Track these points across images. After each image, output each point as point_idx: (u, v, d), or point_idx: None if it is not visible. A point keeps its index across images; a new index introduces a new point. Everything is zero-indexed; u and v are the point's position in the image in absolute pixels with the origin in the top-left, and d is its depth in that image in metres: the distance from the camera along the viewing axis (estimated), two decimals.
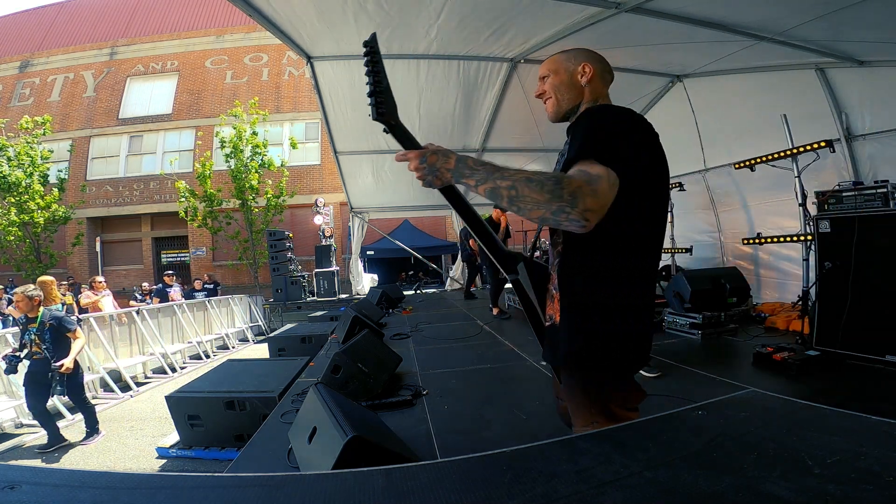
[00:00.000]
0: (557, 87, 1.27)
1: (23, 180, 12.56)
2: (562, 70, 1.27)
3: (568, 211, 0.92)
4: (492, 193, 0.99)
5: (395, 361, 3.32)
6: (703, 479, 0.69)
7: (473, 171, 1.01)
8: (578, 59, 1.27)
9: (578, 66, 1.26)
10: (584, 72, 1.25)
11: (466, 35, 5.02)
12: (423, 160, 1.05)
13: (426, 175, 1.05)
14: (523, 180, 0.95)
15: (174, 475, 1.40)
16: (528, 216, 0.97)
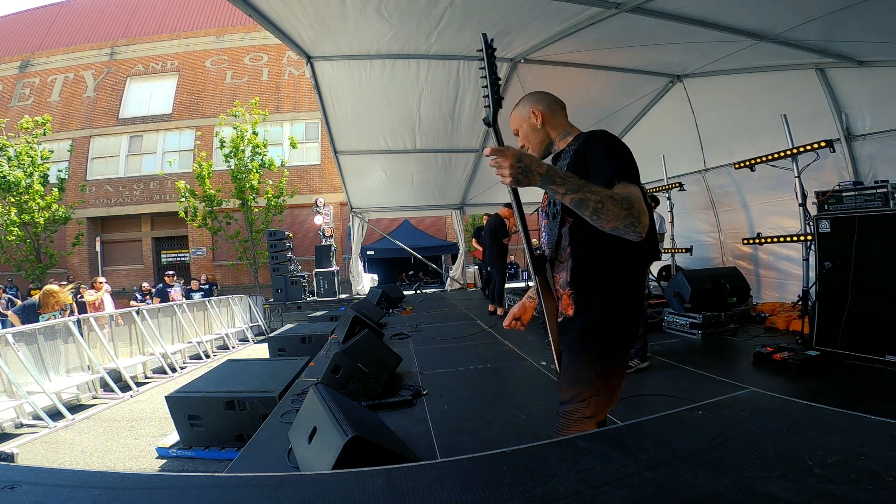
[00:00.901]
0: (527, 136, 1.50)
1: (23, 180, 12.56)
2: (521, 122, 1.50)
3: (636, 226, 1.13)
4: (578, 203, 1.13)
5: (395, 361, 3.32)
6: (703, 479, 0.69)
7: (565, 181, 1.14)
8: (527, 107, 1.49)
9: (529, 114, 1.47)
10: (535, 115, 1.46)
11: (467, 38, 5.02)
12: (519, 159, 1.12)
13: (518, 173, 1.12)
14: (609, 198, 1.12)
15: (174, 475, 1.40)
16: (602, 225, 1.15)
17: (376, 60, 5.53)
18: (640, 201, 1.16)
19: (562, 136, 1.46)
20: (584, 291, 1.33)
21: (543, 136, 1.47)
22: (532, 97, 1.49)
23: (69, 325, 5.76)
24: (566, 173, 1.16)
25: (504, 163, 1.11)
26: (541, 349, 4.12)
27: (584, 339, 1.33)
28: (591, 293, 1.33)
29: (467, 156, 8.51)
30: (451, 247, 14.22)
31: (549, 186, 1.15)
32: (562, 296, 1.38)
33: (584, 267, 1.33)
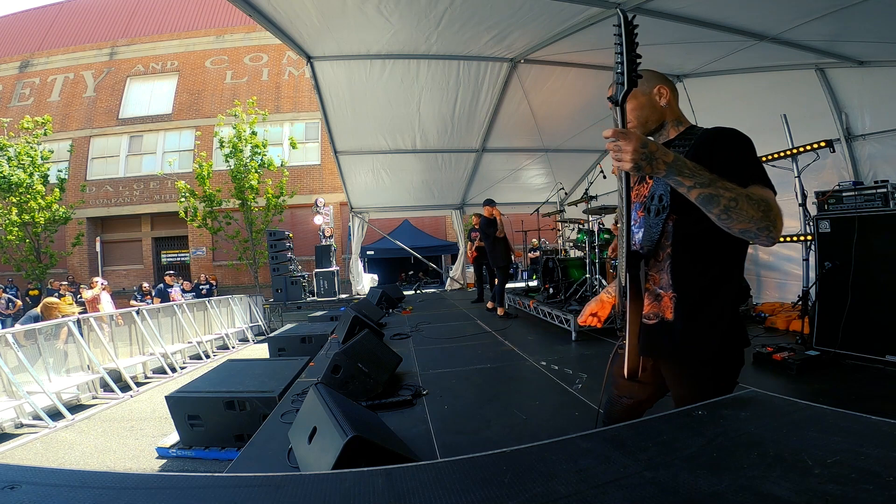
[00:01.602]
0: (641, 108, 1.36)
1: (24, 181, 12.56)
2: (639, 93, 1.35)
3: (770, 230, 1.06)
4: (708, 198, 1.05)
5: (395, 361, 3.32)
6: (703, 479, 0.69)
7: (694, 173, 1.05)
8: (652, 81, 1.36)
9: (654, 89, 1.35)
10: (661, 94, 1.35)
11: (467, 38, 5.03)
12: (644, 145, 1.03)
13: (640, 160, 1.02)
14: (745, 197, 1.04)
15: (174, 475, 1.40)
16: (729, 226, 1.07)
17: (376, 60, 5.53)
18: (777, 206, 1.09)
19: (674, 124, 1.36)
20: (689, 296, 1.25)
21: (659, 116, 1.36)
22: (658, 74, 1.38)
23: (69, 324, 5.76)
24: (695, 165, 1.06)
25: (627, 147, 1.02)
26: (541, 349, 4.12)
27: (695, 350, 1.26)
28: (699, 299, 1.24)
29: (467, 156, 8.51)
30: (451, 247, 14.23)
31: (674, 178, 1.06)
32: (662, 297, 1.29)
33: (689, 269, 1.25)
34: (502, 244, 5.99)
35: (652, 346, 1.31)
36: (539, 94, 6.55)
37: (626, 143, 1.02)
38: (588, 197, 5.47)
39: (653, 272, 1.31)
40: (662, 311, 1.29)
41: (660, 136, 1.38)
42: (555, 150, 8.27)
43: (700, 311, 1.25)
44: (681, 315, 1.25)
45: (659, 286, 1.30)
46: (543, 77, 6.17)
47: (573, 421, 2.49)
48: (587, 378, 3.18)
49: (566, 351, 4.07)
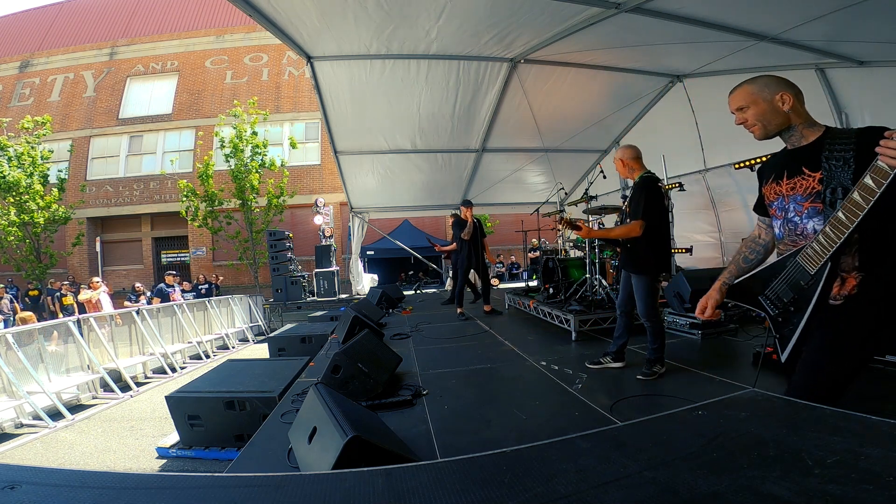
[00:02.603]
0: (762, 114, 1.50)
1: (23, 180, 12.56)
2: (757, 99, 1.50)
3: None
4: None
5: (395, 361, 3.32)
6: (703, 479, 0.69)
7: None
8: (771, 88, 1.49)
9: (776, 96, 1.47)
10: (784, 100, 1.47)
11: (467, 37, 5.03)
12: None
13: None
14: None
15: (174, 475, 1.40)
16: None
17: (376, 60, 5.53)
18: None
19: (807, 126, 1.47)
20: (874, 276, 1.35)
21: (783, 120, 1.48)
22: (781, 80, 1.50)
23: (69, 324, 5.77)
24: None
25: None
26: (541, 349, 4.12)
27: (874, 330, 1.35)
28: (883, 278, 1.35)
29: (467, 156, 8.51)
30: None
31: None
32: (846, 279, 1.39)
33: (874, 253, 1.35)
34: (468, 246, 5.93)
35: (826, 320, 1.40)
36: (539, 94, 6.55)
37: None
38: (588, 197, 5.47)
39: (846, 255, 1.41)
40: (848, 290, 1.39)
41: (791, 137, 1.51)
42: (555, 150, 8.27)
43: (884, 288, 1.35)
44: (860, 291, 1.36)
45: (843, 269, 1.39)
46: (543, 77, 6.17)
47: (573, 421, 2.49)
48: (587, 378, 3.18)
49: (566, 351, 4.07)
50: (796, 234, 1.47)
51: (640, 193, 2.94)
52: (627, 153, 3.08)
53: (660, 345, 3.06)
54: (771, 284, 1.52)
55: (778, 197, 1.52)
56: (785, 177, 1.49)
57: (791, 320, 1.43)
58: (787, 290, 1.46)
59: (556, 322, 4.90)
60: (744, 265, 1.72)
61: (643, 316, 3.03)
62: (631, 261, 3.05)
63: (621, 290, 3.26)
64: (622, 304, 3.24)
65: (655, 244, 2.96)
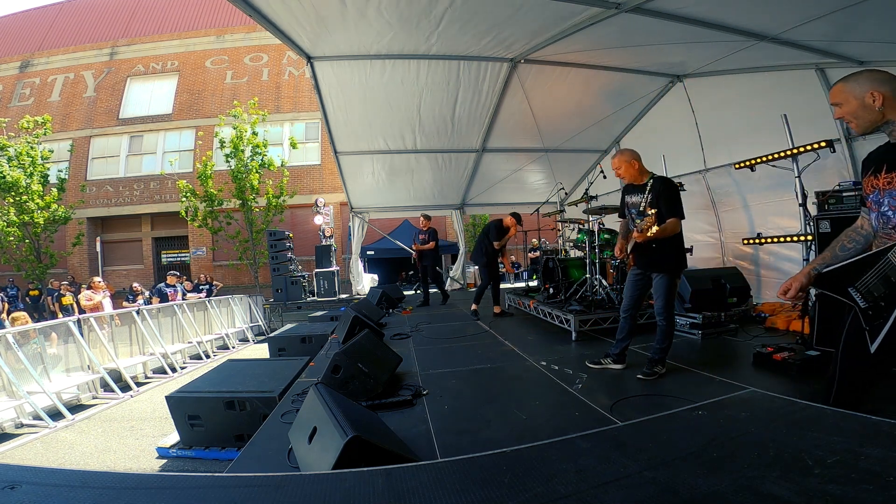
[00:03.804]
0: (854, 112, 1.55)
1: (22, 180, 12.56)
2: (849, 97, 1.55)
3: None
4: None
5: (395, 361, 3.32)
6: (703, 479, 0.69)
7: None
8: (864, 85, 1.51)
9: (866, 94, 1.50)
10: (875, 97, 1.49)
11: (467, 38, 5.03)
12: None
13: None
14: None
15: (174, 475, 1.40)
16: None
17: (376, 61, 5.53)
18: None
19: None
20: None
21: (877, 118, 1.51)
22: (875, 76, 1.51)
23: (69, 324, 5.77)
24: None
25: None
26: (541, 349, 4.12)
27: None
28: None
29: (467, 156, 8.51)
30: (451, 247, 14.21)
31: None
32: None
33: None
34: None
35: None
36: (539, 94, 6.55)
37: None
38: (588, 197, 5.47)
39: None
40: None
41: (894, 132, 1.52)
42: (555, 150, 8.26)
43: None
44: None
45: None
46: (543, 77, 6.17)
47: (573, 421, 2.49)
48: (587, 378, 3.18)
49: (566, 351, 4.07)
50: (889, 227, 1.48)
51: (668, 192, 2.93)
52: (635, 155, 3.08)
53: (667, 345, 3.07)
54: (863, 277, 1.51)
55: (874, 190, 1.54)
56: (884, 170, 1.51)
57: (881, 314, 1.45)
58: (879, 285, 1.46)
59: (557, 322, 4.90)
60: (840, 253, 1.69)
61: (660, 314, 3.02)
62: (656, 261, 3.01)
63: (629, 294, 3.20)
64: (629, 308, 3.21)
65: (680, 243, 3.00)
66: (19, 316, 6.52)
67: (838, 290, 1.58)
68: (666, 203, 2.92)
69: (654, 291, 3.04)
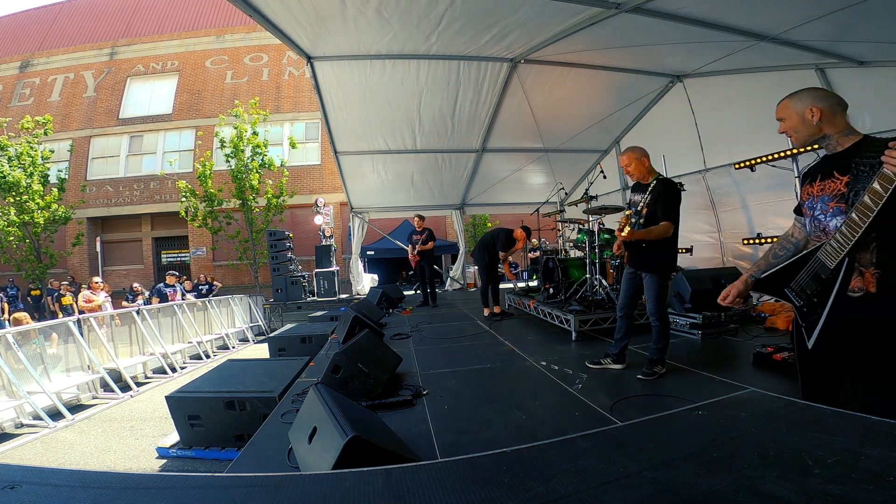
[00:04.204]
0: (795, 128, 1.66)
1: (22, 180, 12.56)
2: (792, 113, 1.65)
3: None
4: None
5: (395, 361, 3.32)
6: (703, 479, 0.69)
7: None
8: (805, 101, 1.62)
9: (806, 110, 1.60)
10: (813, 113, 1.59)
11: (467, 39, 5.03)
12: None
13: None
14: None
15: (174, 475, 1.40)
16: None
17: (376, 61, 5.53)
18: None
19: (843, 134, 1.58)
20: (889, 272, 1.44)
21: (814, 132, 1.61)
22: (815, 93, 1.63)
23: (69, 324, 5.77)
24: None
25: None
26: (541, 349, 4.12)
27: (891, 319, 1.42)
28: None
29: (467, 156, 8.51)
30: (451, 247, 14.21)
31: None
32: (864, 273, 1.48)
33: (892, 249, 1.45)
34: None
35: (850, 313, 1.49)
36: (539, 94, 6.55)
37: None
38: (588, 197, 5.47)
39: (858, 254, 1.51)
40: (866, 285, 1.48)
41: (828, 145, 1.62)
42: (555, 151, 8.27)
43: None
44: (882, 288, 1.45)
45: (861, 264, 1.49)
46: (543, 77, 6.18)
47: (573, 421, 2.49)
48: (587, 378, 3.18)
49: (566, 351, 4.07)
50: (819, 230, 1.61)
51: (667, 195, 2.94)
52: (644, 153, 3.09)
53: (664, 345, 3.06)
54: (796, 277, 1.65)
55: (809, 197, 1.66)
56: (818, 179, 1.62)
57: (815, 310, 1.56)
58: (811, 283, 1.59)
59: (556, 322, 4.90)
60: (773, 260, 1.85)
61: (653, 315, 3.03)
62: (645, 260, 3.04)
63: (623, 292, 3.24)
64: (624, 307, 3.24)
65: (672, 245, 3.00)
66: (21, 316, 6.52)
67: (776, 291, 1.74)
68: (662, 205, 2.94)
69: (646, 292, 3.06)
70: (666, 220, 2.90)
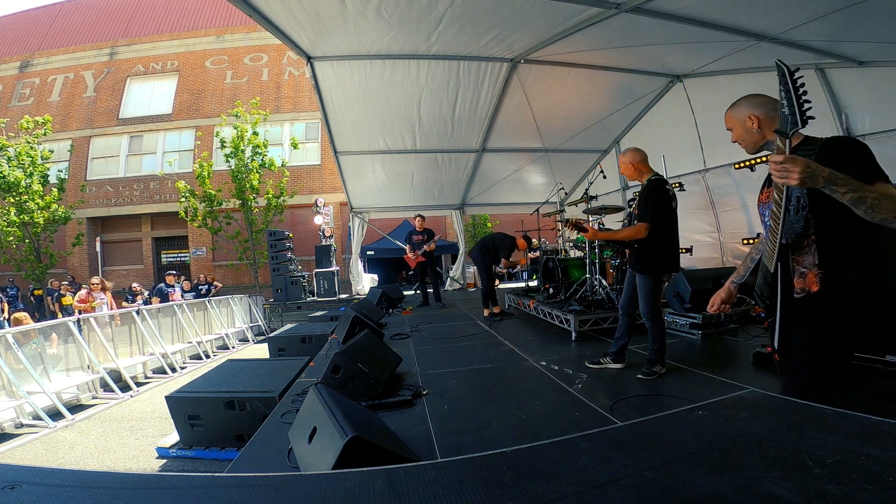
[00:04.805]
0: (741, 136, 1.69)
1: (22, 180, 12.56)
2: (736, 123, 1.68)
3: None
4: (857, 200, 1.30)
5: (395, 361, 3.32)
6: (703, 479, 0.69)
7: (846, 182, 1.30)
8: (743, 110, 1.65)
9: (745, 118, 1.64)
10: (751, 120, 1.62)
11: (467, 39, 5.03)
12: (808, 166, 1.28)
13: (806, 177, 1.28)
14: (884, 196, 1.30)
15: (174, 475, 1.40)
16: (871, 216, 1.31)
17: (376, 61, 5.53)
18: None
19: None
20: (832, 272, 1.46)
21: (758, 139, 1.64)
22: (751, 101, 1.65)
23: (69, 324, 5.77)
24: (845, 175, 1.31)
25: (794, 168, 1.28)
26: (541, 349, 4.13)
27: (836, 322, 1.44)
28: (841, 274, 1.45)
29: (467, 156, 8.51)
30: (451, 247, 14.20)
31: (830, 187, 1.31)
32: (806, 275, 1.51)
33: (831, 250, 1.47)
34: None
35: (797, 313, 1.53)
36: (539, 94, 6.55)
37: (793, 165, 1.28)
38: (588, 197, 5.47)
39: (797, 256, 1.56)
40: (808, 286, 1.51)
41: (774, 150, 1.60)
42: (555, 150, 8.27)
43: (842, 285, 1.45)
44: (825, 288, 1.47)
45: (803, 266, 1.53)
46: (543, 77, 6.18)
47: (573, 421, 2.49)
48: (587, 378, 3.18)
49: (566, 351, 4.07)
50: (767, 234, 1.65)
51: (648, 195, 2.95)
52: (636, 156, 3.09)
53: (660, 345, 3.06)
54: (757, 281, 1.71)
55: (761, 204, 1.71)
56: (767, 186, 1.66)
57: (771, 311, 1.60)
58: (764, 285, 1.64)
59: (556, 322, 4.90)
60: (749, 264, 1.90)
61: (645, 316, 3.03)
62: (637, 261, 3.05)
63: (624, 290, 3.26)
64: (624, 305, 3.25)
65: (662, 245, 2.97)
66: (21, 316, 6.52)
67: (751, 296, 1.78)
68: (641, 206, 2.98)
69: (638, 292, 3.07)
70: (641, 221, 2.92)
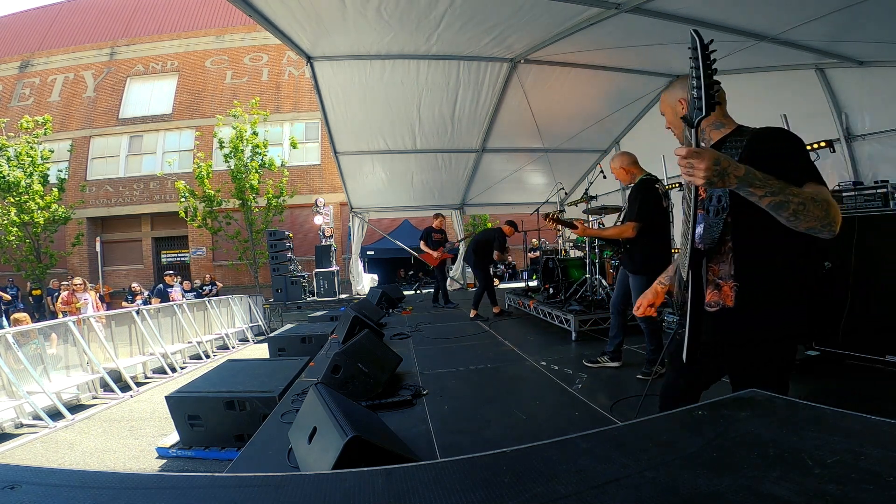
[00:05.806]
0: (672, 123, 1.55)
1: (22, 180, 12.56)
2: (668, 108, 1.54)
3: (832, 226, 1.15)
4: (778, 205, 1.14)
5: (395, 361, 3.32)
6: (703, 479, 0.69)
7: (765, 183, 1.14)
8: (675, 94, 1.50)
9: (676, 103, 1.49)
10: (682, 104, 1.47)
11: (467, 39, 5.03)
12: (717, 162, 1.11)
13: (713, 176, 1.11)
14: (811, 200, 1.14)
15: (174, 475, 1.40)
16: (797, 225, 1.16)
17: (376, 61, 5.53)
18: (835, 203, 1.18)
19: (714, 127, 1.44)
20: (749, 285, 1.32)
21: None
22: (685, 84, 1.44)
23: (69, 324, 5.77)
24: (765, 175, 1.14)
25: (700, 164, 1.10)
26: (541, 349, 4.12)
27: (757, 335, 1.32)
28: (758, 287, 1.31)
29: (467, 156, 8.51)
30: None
31: (746, 189, 1.14)
32: (722, 286, 1.37)
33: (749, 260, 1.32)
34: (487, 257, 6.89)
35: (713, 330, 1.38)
36: (539, 94, 6.55)
37: (698, 161, 1.10)
38: (588, 197, 5.47)
39: (713, 265, 1.40)
40: (723, 300, 1.36)
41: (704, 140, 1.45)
42: (555, 151, 8.27)
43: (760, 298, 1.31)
44: (741, 303, 1.33)
45: (719, 276, 1.38)
46: (543, 77, 6.17)
47: (573, 421, 2.49)
48: (587, 378, 3.18)
49: (566, 351, 4.07)
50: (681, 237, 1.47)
51: (636, 195, 2.98)
52: (625, 160, 3.13)
53: (657, 345, 3.06)
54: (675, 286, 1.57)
55: None
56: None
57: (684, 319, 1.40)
58: (680, 292, 1.47)
59: (556, 322, 4.90)
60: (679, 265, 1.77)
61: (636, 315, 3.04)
62: (630, 261, 3.07)
63: (616, 288, 3.30)
64: (616, 304, 3.28)
65: (653, 245, 2.98)
66: (21, 316, 6.54)
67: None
68: (628, 205, 3.04)
69: (632, 293, 3.09)
70: (629, 220, 2.96)
